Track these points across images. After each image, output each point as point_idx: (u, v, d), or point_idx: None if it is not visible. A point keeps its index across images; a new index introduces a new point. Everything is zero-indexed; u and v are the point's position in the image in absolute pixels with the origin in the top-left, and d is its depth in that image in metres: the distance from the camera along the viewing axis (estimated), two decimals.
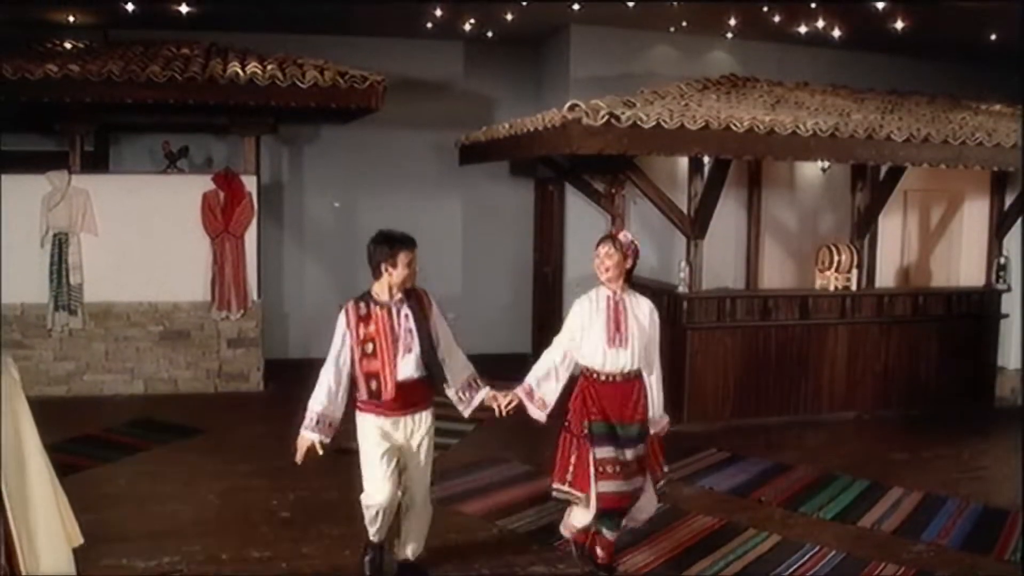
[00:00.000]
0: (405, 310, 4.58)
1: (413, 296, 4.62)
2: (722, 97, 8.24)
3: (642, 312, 4.75)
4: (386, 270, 4.54)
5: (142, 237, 8.61)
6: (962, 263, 9.50)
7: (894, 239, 9.58)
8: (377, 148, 10.52)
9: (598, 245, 4.73)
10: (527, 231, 11.24)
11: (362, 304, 4.60)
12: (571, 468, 4.63)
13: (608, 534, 4.74)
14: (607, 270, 4.66)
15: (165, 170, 9.21)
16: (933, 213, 9.82)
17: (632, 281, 4.81)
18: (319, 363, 11.12)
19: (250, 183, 8.90)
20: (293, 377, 9.68)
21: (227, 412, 8.33)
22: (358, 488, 6.18)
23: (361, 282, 11.29)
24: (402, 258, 4.54)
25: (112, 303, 8.68)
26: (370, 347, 4.50)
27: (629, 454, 4.56)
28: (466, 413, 4.88)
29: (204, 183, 8.79)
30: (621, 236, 4.74)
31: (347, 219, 10.85)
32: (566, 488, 4.66)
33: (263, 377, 9.19)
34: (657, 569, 4.97)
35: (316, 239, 10.82)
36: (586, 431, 4.59)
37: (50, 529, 1.48)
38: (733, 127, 6.83)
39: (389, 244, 4.56)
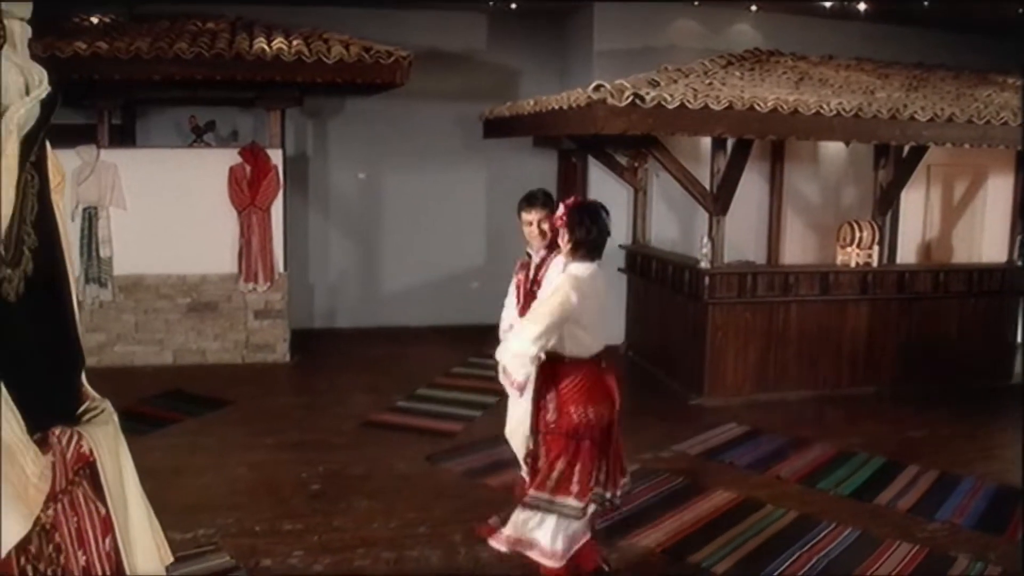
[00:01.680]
0: (544, 268, 4.47)
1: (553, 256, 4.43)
2: (746, 74, 8.24)
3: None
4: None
5: (170, 211, 8.74)
6: (984, 239, 9.49)
7: (916, 214, 9.56)
8: (401, 119, 10.58)
9: (528, 209, 4.47)
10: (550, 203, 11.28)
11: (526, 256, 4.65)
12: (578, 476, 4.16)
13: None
14: (543, 236, 4.46)
15: (192, 144, 9.33)
16: (957, 188, 9.80)
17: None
18: (343, 333, 11.32)
19: (276, 157, 9.00)
20: (319, 347, 9.93)
21: (254, 383, 8.49)
22: (385, 462, 6.40)
23: (386, 253, 11.52)
24: (523, 216, 4.48)
25: (141, 276, 8.84)
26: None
27: None
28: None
29: (231, 157, 8.90)
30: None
31: (371, 190, 10.96)
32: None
33: (289, 348, 9.35)
34: (676, 544, 5.07)
35: (341, 210, 10.93)
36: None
37: (146, 551, 1.65)
38: (757, 107, 6.85)
39: (521, 202, 4.52)
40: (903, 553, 5.00)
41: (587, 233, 4.11)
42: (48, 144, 1.58)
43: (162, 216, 8.73)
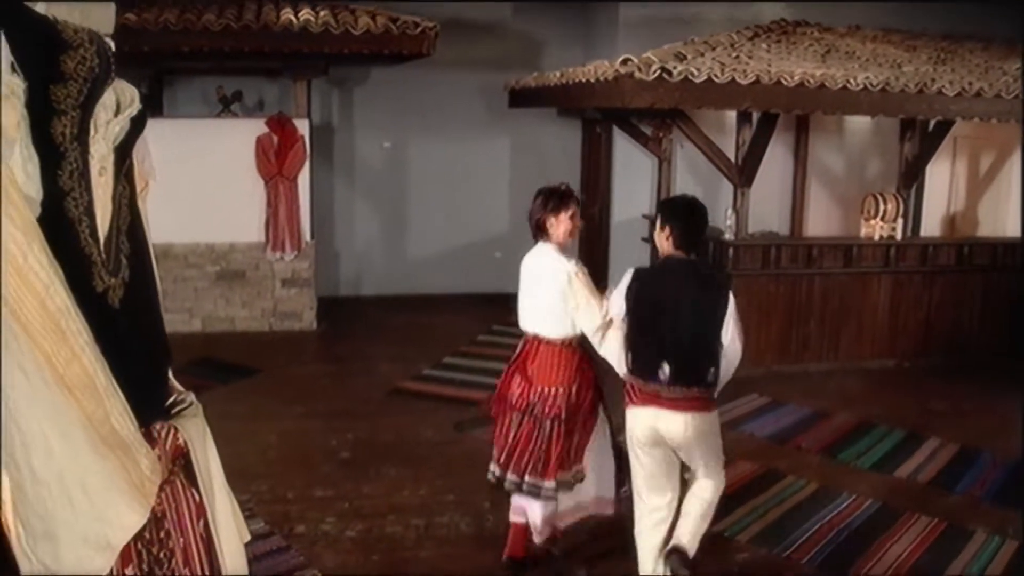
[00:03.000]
0: None
1: None
2: (772, 47, 8.21)
3: None
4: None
5: (198, 180, 8.81)
6: (1010, 212, 9.45)
7: (942, 186, 9.54)
8: (426, 88, 10.61)
9: (567, 205, 4.26)
10: (574, 171, 11.31)
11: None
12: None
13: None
14: (574, 233, 4.35)
15: (219, 114, 9.41)
16: (983, 161, 9.75)
17: None
18: (369, 300, 11.34)
19: (302, 127, 9.07)
20: (345, 315, 10.05)
21: (282, 351, 8.62)
22: (413, 430, 6.52)
23: (411, 221, 11.56)
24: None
25: (170, 244, 8.96)
26: None
27: None
28: None
29: (258, 127, 8.98)
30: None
31: (396, 159, 11.02)
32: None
33: (316, 316, 9.48)
34: None
35: (366, 179, 11.00)
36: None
37: (230, 531, 1.78)
38: (783, 82, 6.85)
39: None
40: (922, 526, 5.08)
41: None
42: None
43: (190, 186, 8.80)
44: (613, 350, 4.03)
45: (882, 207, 8.37)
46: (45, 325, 1.15)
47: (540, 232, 4.28)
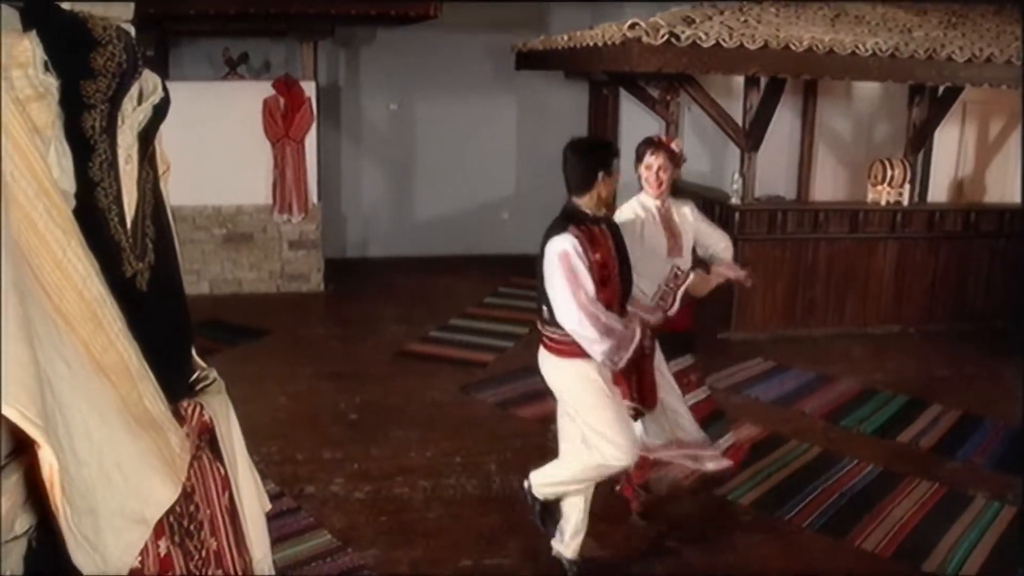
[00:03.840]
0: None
1: None
2: (781, 10, 8.14)
3: (685, 218, 4.57)
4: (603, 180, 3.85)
5: (205, 143, 8.77)
6: (1018, 179, 9.42)
7: (950, 151, 9.49)
8: (433, 50, 10.54)
9: (649, 153, 4.33)
10: (581, 134, 11.26)
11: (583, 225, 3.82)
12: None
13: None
14: (661, 184, 4.33)
15: (225, 77, 9.39)
16: (993, 127, 9.70)
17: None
18: (375, 262, 11.34)
19: (309, 89, 9.06)
20: (352, 277, 10.10)
21: (290, 313, 8.69)
22: (420, 392, 6.60)
23: (417, 183, 11.53)
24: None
25: (178, 207, 8.79)
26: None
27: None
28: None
29: (264, 89, 8.96)
30: (675, 146, 4.44)
31: (403, 121, 11.00)
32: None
33: (323, 277, 9.54)
34: (703, 477, 5.23)
35: (373, 141, 10.99)
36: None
37: (251, 501, 1.85)
38: (792, 47, 6.82)
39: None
40: (923, 491, 5.15)
41: None
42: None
43: (197, 148, 8.74)
44: None
45: (889, 172, 8.36)
46: (83, 315, 1.20)
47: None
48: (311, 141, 9.16)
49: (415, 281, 10.05)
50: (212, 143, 8.83)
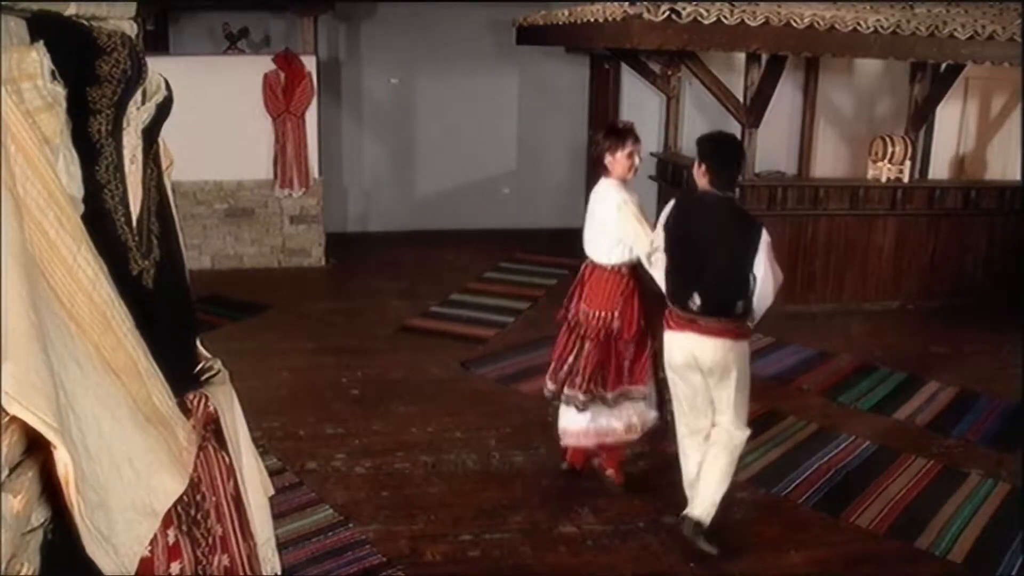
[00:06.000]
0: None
1: None
2: None
3: None
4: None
5: (206, 117, 8.75)
6: (1019, 156, 9.41)
7: (952, 128, 9.48)
8: (433, 24, 10.51)
9: (626, 142, 4.50)
10: (582, 108, 11.28)
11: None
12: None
13: None
14: (635, 169, 4.57)
15: (226, 51, 9.37)
16: (995, 103, 9.68)
17: None
18: (376, 236, 11.34)
19: (309, 63, 9.05)
20: (353, 251, 10.13)
21: (291, 287, 8.73)
22: (421, 367, 6.65)
23: (418, 157, 11.52)
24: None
25: (179, 182, 8.85)
26: None
27: None
28: None
29: (265, 64, 8.95)
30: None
31: (404, 95, 10.98)
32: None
33: (324, 252, 9.57)
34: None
35: (373, 115, 10.98)
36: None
37: (255, 487, 1.90)
38: (793, 23, 6.80)
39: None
40: (918, 467, 5.21)
41: None
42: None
43: (198, 123, 8.71)
44: (660, 276, 4.30)
45: (890, 149, 8.35)
46: (93, 317, 1.24)
47: (602, 168, 4.58)
48: (312, 116, 9.16)
49: (416, 255, 10.07)
50: (213, 118, 8.81)
